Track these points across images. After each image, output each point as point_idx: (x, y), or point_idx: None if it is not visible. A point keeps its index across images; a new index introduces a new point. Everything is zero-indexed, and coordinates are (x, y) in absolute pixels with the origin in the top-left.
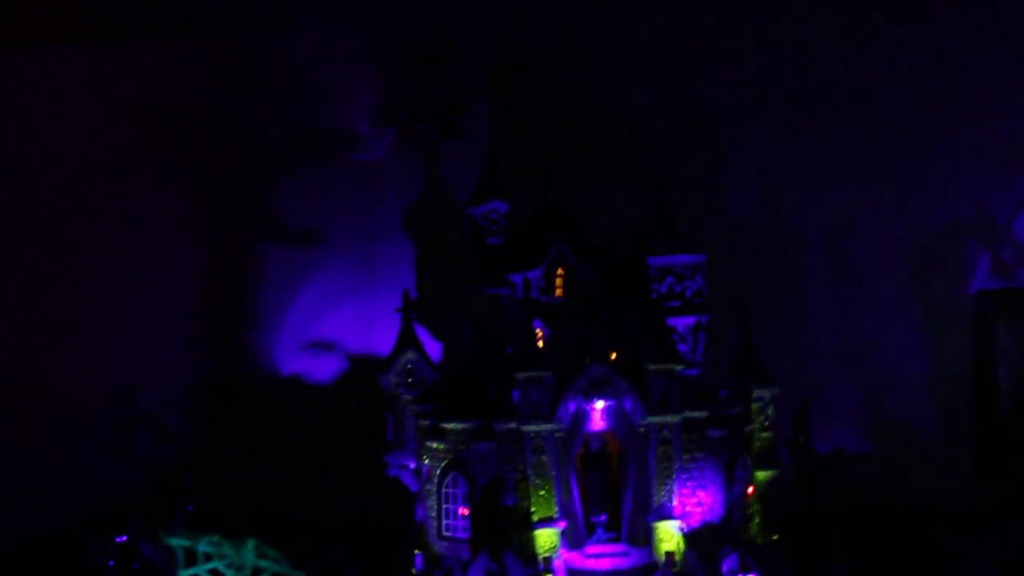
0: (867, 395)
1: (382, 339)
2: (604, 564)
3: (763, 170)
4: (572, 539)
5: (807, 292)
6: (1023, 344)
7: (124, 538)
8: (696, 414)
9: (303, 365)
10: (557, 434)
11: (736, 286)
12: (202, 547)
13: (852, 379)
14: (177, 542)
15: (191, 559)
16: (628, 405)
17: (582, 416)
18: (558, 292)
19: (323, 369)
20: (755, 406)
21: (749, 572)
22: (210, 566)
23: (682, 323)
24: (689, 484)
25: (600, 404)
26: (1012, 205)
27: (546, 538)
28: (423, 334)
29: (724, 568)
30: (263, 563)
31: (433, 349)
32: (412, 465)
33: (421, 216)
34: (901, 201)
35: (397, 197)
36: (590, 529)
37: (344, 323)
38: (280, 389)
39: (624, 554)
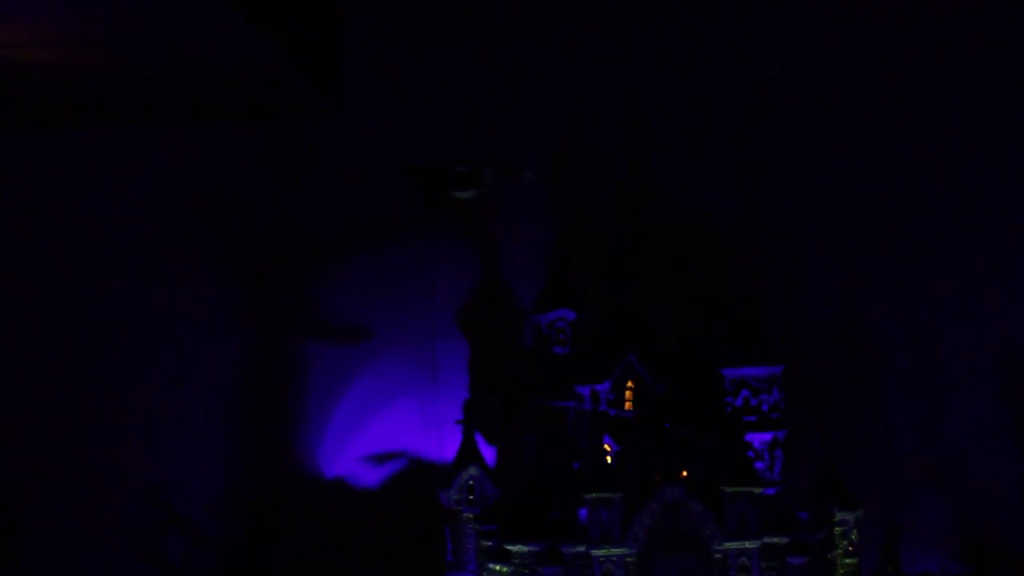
0: (959, 514)
1: (444, 447)
2: None
3: (843, 271)
4: None
5: (891, 403)
6: None
7: None
8: (776, 539)
9: (349, 468)
10: (628, 559)
11: (815, 399)
12: None
13: (942, 498)
14: None
15: None
16: (705, 530)
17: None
18: (628, 406)
19: (373, 475)
20: (838, 530)
21: None
22: None
23: (759, 439)
24: None
25: None
26: None
27: None
28: (483, 447)
29: None
30: None
31: (492, 463)
32: None
33: (479, 316)
34: (992, 303)
35: (451, 292)
36: None
37: (397, 426)
38: (323, 494)
39: None
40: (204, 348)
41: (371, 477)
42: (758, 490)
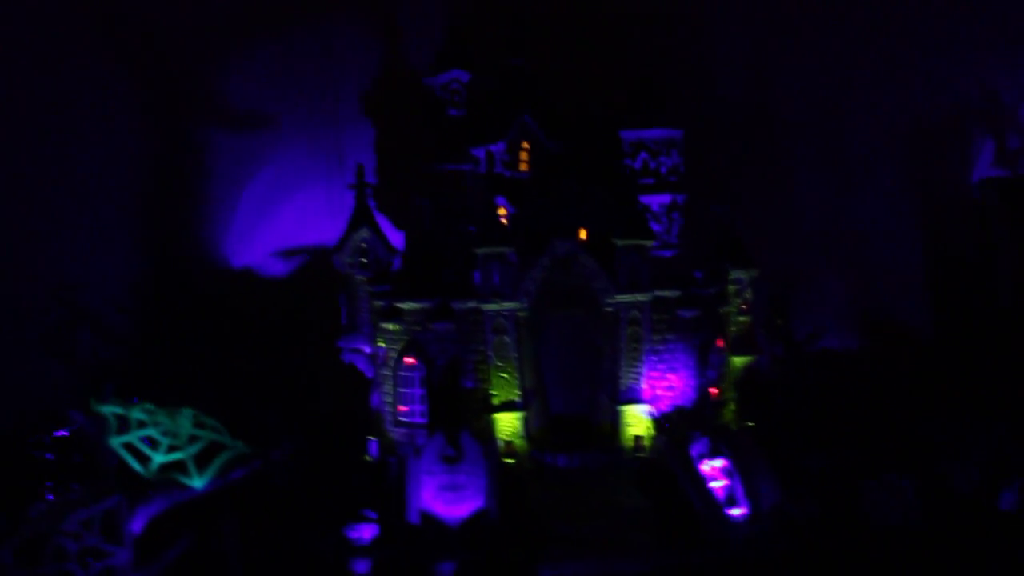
0: (860, 290)
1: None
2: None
3: (755, 49)
4: (536, 424)
5: (798, 181)
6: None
7: (64, 432)
8: (667, 293)
9: (255, 257)
10: (520, 313)
11: (721, 168)
12: (135, 414)
13: (843, 268)
14: (108, 409)
15: (125, 427)
16: (596, 284)
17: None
18: (523, 167)
19: (281, 265)
20: (732, 288)
21: (718, 457)
22: (143, 433)
23: (656, 201)
24: (659, 367)
25: None
26: (1018, 90)
27: (507, 422)
28: (386, 221)
29: (693, 453)
30: (200, 432)
31: (397, 235)
32: (367, 350)
33: (383, 95)
34: (901, 86)
35: (357, 79)
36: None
37: (306, 214)
38: (230, 282)
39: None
40: (106, 138)
41: (279, 267)
42: (649, 243)
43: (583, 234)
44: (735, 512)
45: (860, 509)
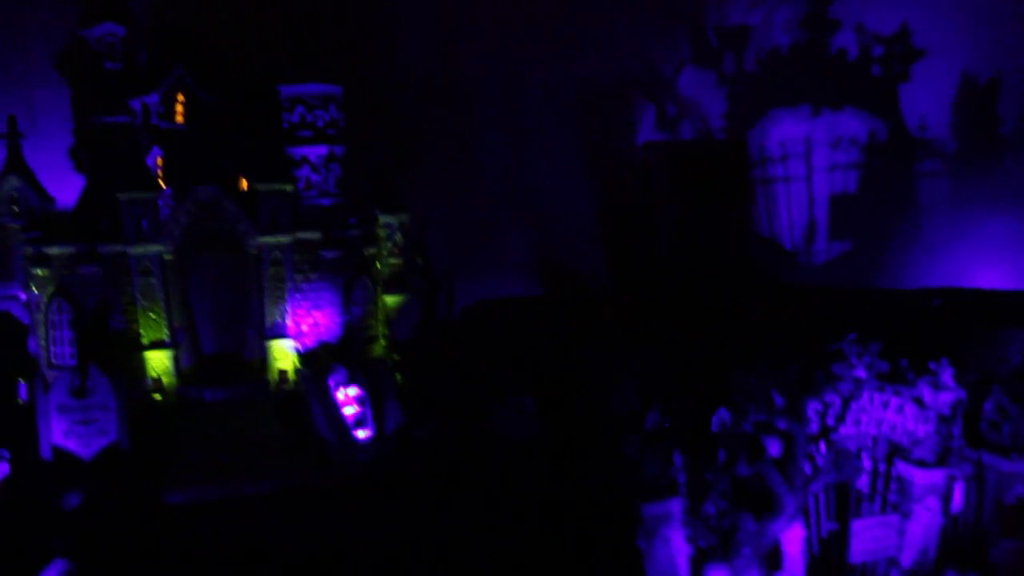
0: (538, 236)
1: None
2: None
3: (439, 16)
4: (187, 361)
5: (480, 143)
6: (680, 190)
7: None
8: (309, 235)
9: None
10: (166, 256)
11: (402, 128)
12: None
13: (524, 221)
14: None
15: None
16: (241, 227)
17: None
18: (179, 119)
19: None
20: (382, 232)
21: (352, 385)
22: None
23: (314, 153)
24: (304, 305)
25: None
26: (676, 62)
27: (157, 360)
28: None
29: (331, 383)
30: None
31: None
32: (23, 297)
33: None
34: (573, 57)
35: (47, 39)
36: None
37: None
38: None
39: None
40: None
41: None
42: (289, 188)
43: (244, 183)
44: (361, 434)
45: (486, 429)
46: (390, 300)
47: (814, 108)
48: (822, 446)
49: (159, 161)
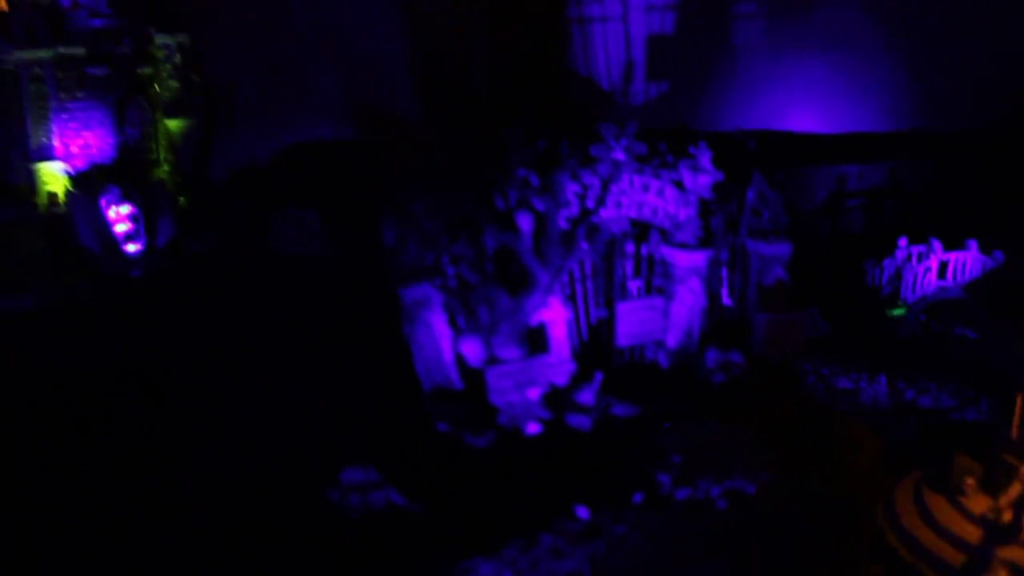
0: (349, 86)
1: None
2: None
3: None
4: None
5: None
6: (494, 26)
7: None
8: (71, 50)
9: None
10: None
11: None
12: None
13: (334, 69)
14: None
15: None
16: None
17: None
18: None
19: None
20: (160, 53)
21: (125, 203)
22: None
23: None
24: (72, 125)
25: None
26: None
27: None
28: None
29: (103, 201)
30: None
31: None
32: None
33: None
34: None
35: None
36: None
37: None
38: None
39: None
40: None
41: None
42: None
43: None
44: (131, 248)
45: (266, 243)
46: (172, 125)
47: None
48: (582, 229)
49: None
